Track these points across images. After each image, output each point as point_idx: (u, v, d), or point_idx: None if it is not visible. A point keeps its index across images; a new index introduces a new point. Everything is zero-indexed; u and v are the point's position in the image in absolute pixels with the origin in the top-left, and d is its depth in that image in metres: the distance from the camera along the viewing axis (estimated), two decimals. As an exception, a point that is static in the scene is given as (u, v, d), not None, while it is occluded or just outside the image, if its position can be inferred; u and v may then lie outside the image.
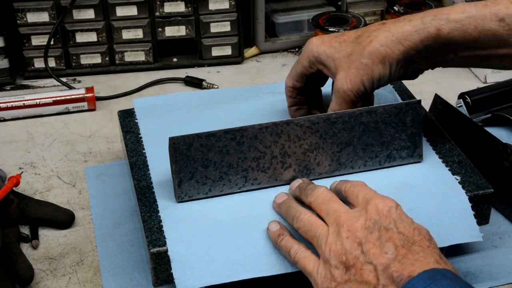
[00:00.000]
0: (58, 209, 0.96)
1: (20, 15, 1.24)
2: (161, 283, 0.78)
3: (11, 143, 1.13)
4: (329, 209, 0.74)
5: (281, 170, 0.83)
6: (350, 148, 0.84)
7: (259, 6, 1.33)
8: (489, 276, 0.87)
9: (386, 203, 0.72)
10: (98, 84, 1.28)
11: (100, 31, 1.27)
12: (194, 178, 0.81)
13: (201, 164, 0.80)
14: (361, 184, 0.76)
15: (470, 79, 1.28)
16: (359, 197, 0.74)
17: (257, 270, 0.77)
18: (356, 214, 0.72)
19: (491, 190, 0.84)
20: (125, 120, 0.98)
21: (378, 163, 0.86)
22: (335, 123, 0.83)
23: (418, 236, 0.70)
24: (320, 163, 0.84)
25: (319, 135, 0.83)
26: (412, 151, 0.87)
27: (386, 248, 0.68)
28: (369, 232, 0.70)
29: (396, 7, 1.35)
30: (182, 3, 1.27)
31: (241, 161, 0.81)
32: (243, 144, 0.81)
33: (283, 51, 1.39)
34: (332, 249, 0.71)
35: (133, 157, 0.91)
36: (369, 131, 0.84)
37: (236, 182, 0.82)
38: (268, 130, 0.81)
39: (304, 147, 0.83)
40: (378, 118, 0.84)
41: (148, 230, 0.79)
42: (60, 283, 0.87)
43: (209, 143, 0.80)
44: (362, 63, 0.83)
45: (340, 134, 0.83)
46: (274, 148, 0.82)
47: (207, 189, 0.82)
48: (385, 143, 0.85)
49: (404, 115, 0.85)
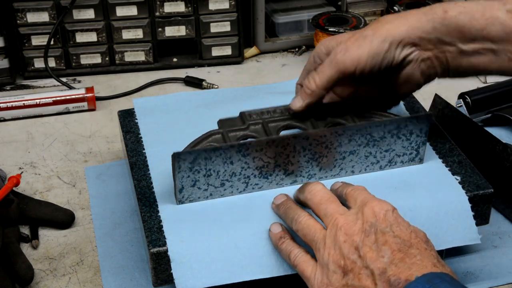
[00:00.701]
0: (58, 209, 0.96)
1: (20, 15, 1.24)
2: (161, 283, 0.78)
3: (11, 143, 1.13)
4: (326, 210, 0.74)
5: (283, 176, 0.83)
6: (353, 156, 0.84)
7: (259, 6, 1.33)
8: (489, 276, 0.87)
9: (383, 206, 0.71)
10: (98, 84, 1.28)
11: (100, 31, 1.27)
12: (196, 185, 0.81)
13: (204, 174, 0.80)
14: (362, 188, 0.76)
15: (470, 79, 1.28)
16: (357, 200, 0.74)
17: (257, 272, 0.77)
18: (353, 217, 0.72)
19: (491, 190, 0.84)
20: (125, 120, 0.98)
21: (379, 167, 0.87)
22: (342, 135, 0.82)
23: (415, 239, 0.69)
24: (322, 169, 0.84)
25: (324, 146, 0.82)
26: (414, 157, 0.87)
27: (382, 252, 0.68)
28: (366, 235, 0.70)
29: (396, 7, 1.35)
30: (182, 3, 1.27)
31: (244, 170, 0.81)
32: (248, 156, 0.80)
33: (283, 51, 1.39)
34: (330, 253, 0.70)
35: (133, 157, 0.91)
36: (375, 141, 0.84)
37: (237, 187, 0.83)
38: (274, 143, 0.81)
39: (308, 156, 0.83)
40: (386, 130, 0.84)
41: (148, 230, 0.79)
42: (60, 283, 0.87)
43: (214, 156, 0.79)
44: (363, 34, 0.82)
45: (345, 145, 0.83)
46: (278, 158, 0.82)
47: (208, 194, 0.82)
48: (388, 151, 0.85)
49: (413, 127, 0.84)
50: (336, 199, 0.76)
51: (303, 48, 1.38)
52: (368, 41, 0.81)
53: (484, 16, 0.79)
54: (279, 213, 0.79)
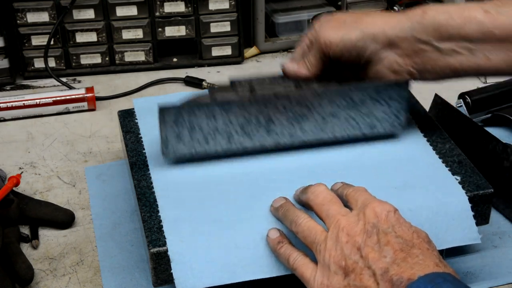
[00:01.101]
0: (58, 209, 0.96)
1: (20, 15, 1.24)
2: (161, 283, 0.78)
3: (11, 143, 1.13)
4: (329, 211, 0.74)
5: (266, 136, 0.86)
6: (334, 119, 0.87)
7: (259, 6, 1.33)
8: (489, 276, 0.87)
9: (384, 207, 0.71)
10: (98, 84, 1.28)
11: (100, 31, 1.27)
12: (181, 140, 0.85)
13: (188, 127, 0.84)
14: (363, 189, 0.76)
15: (470, 79, 1.28)
16: (358, 201, 0.74)
17: (257, 272, 0.77)
18: (355, 218, 0.72)
19: (491, 190, 0.84)
20: (125, 120, 0.98)
21: (360, 132, 0.89)
22: (323, 96, 0.85)
23: (417, 239, 0.69)
24: (304, 131, 0.87)
25: (305, 107, 0.86)
26: (394, 123, 0.90)
27: (384, 252, 0.68)
28: (368, 236, 0.69)
29: (396, 7, 1.35)
30: (182, 3, 1.27)
31: (227, 126, 0.85)
32: (231, 111, 0.84)
33: (283, 51, 1.39)
34: (332, 254, 0.70)
35: (133, 157, 0.91)
36: (355, 105, 0.87)
37: (220, 144, 0.86)
38: (256, 101, 0.84)
39: (290, 116, 0.86)
40: (366, 94, 0.86)
41: (148, 230, 0.79)
42: (60, 283, 0.87)
43: (197, 111, 0.83)
44: (343, 20, 0.85)
45: (326, 107, 0.86)
46: (261, 117, 0.85)
47: (192, 149, 0.86)
48: (369, 116, 0.88)
49: (392, 92, 0.87)
50: (339, 200, 0.75)
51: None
52: (348, 28, 0.84)
53: (462, 15, 0.80)
54: (278, 215, 0.79)
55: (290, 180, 0.85)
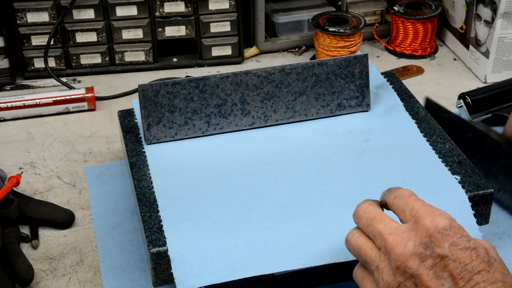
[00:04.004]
0: (58, 209, 0.96)
1: (20, 15, 1.24)
2: (161, 283, 0.78)
3: (11, 143, 1.13)
4: (374, 231, 0.68)
5: (241, 116, 0.93)
6: (303, 97, 0.94)
7: (259, 6, 1.33)
8: (489, 276, 0.87)
9: (437, 222, 0.64)
10: (98, 84, 1.28)
11: (100, 31, 1.27)
12: (162, 123, 0.90)
13: (168, 109, 0.90)
14: (406, 195, 0.69)
15: (470, 79, 1.28)
16: (406, 212, 0.68)
17: (257, 269, 0.77)
18: (404, 235, 0.66)
19: (491, 190, 0.84)
20: (125, 120, 0.98)
21: (329, 111, 0.96)
22: (289, 73, 0.93)
23: (476, 259, 0.64)
24: (276, 110, 0.94)
25: (275, 85, 0.93)
26: (361, 101, 0.97)
27: (442, 280, 0.63)
28: (421, 260, 0.64)
29: (396, 7, 1.35)
30: (182, 3, 1.27)
31: (204, 108, 0.91)
32: (206, 92, 0.91)
33: (283, 51, 1.39)
34: (385, 279, 0.66)
35: (133, 157, 0.91)
36: (321, 81, 0.94)
37: (200, 127, 0.92)
38: (228, 79, 0.91)
39: (261, 96, 0.92)
40: (329, 70, 0.94)
41: (148, 230, 0.79)
42: (60, 283, 0.87)
43: (175, 91, 0.90)
44: None
45: (294, 84, 0.93)
46: (234, 96, 0.92)
47: (173, 133, 0.91)
48: (335, 93, 0.95)
49: (353, 67, 0.95)
50: (383, 215, 0.69)
51: (303, 48, 1.38)
52: None
53: None
54: None
55: (291, 180, 0.85)
